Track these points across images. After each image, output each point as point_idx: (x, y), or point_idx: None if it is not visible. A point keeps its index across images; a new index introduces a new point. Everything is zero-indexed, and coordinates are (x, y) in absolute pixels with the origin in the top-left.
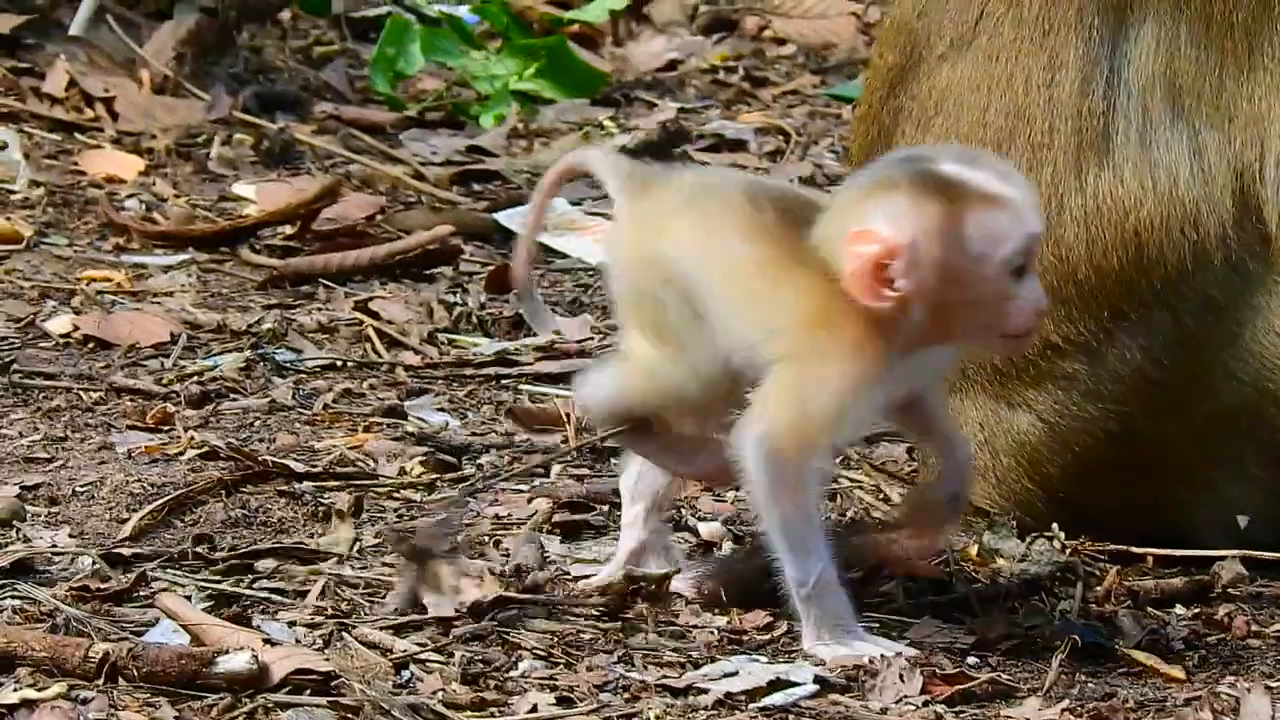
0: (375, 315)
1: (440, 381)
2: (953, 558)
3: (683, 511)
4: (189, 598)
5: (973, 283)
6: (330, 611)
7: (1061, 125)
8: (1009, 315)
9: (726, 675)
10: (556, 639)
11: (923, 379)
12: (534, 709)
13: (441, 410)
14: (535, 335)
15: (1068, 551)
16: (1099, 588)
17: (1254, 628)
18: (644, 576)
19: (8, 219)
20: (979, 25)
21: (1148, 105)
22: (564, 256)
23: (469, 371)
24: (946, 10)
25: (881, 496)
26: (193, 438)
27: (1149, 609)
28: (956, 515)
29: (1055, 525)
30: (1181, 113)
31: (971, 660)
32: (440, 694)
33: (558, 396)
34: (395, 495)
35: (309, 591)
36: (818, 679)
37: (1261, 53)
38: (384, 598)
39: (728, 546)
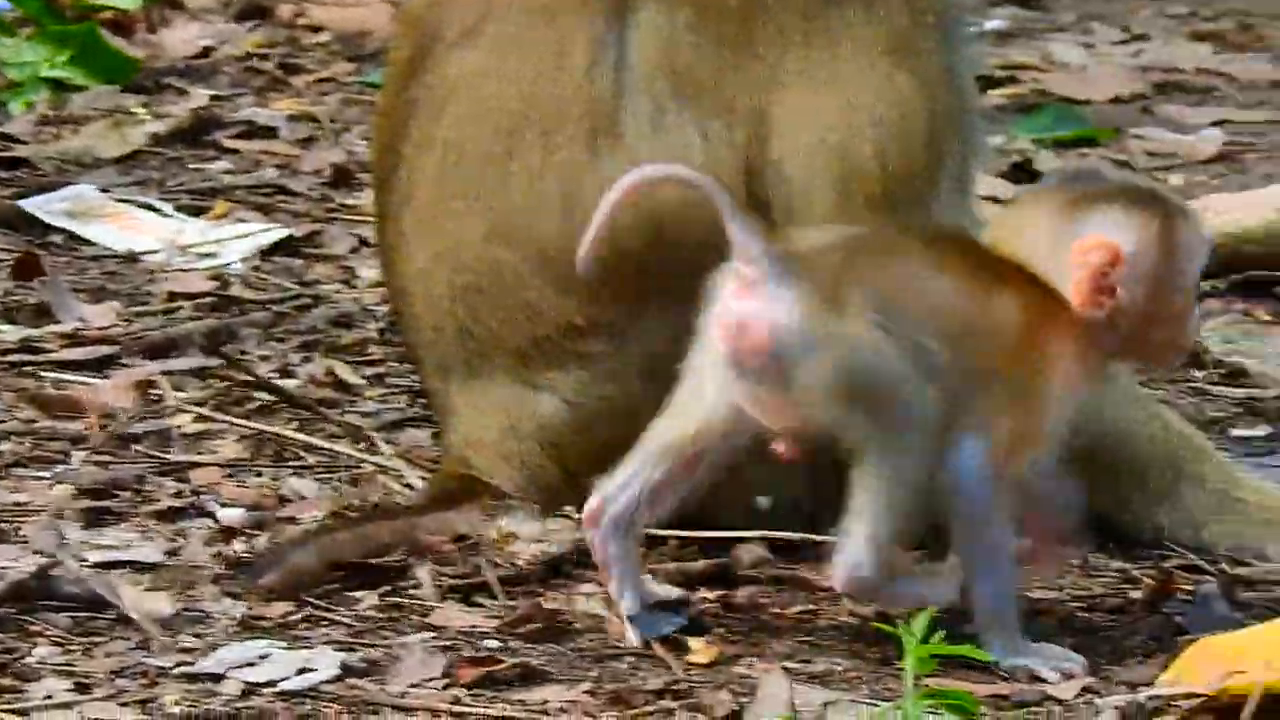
0: None
1: None
2: (480, 541)
3: (202, 497)
4: None
5: (1175, 294)
6: None
7: (572, 111)
8: (1189, 328)
9: (247, 662)
10: (74, 625)
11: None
12: (49, 696)
13: None
14: (60, 322)
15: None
16: None
17: (774, 610)
18: None
19: None
20: (488, 14)
21: (654, 92)
22: (91, 244)
23: None
24: (457, 0)
25: (405, 483)
26: None
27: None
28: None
29: (572, 508)
30: (687, 102)
31: (494, 644)
32: None
33: (82, 383)
34: None
35: None
36: (341, 664)
37: (757, 44)
38: None
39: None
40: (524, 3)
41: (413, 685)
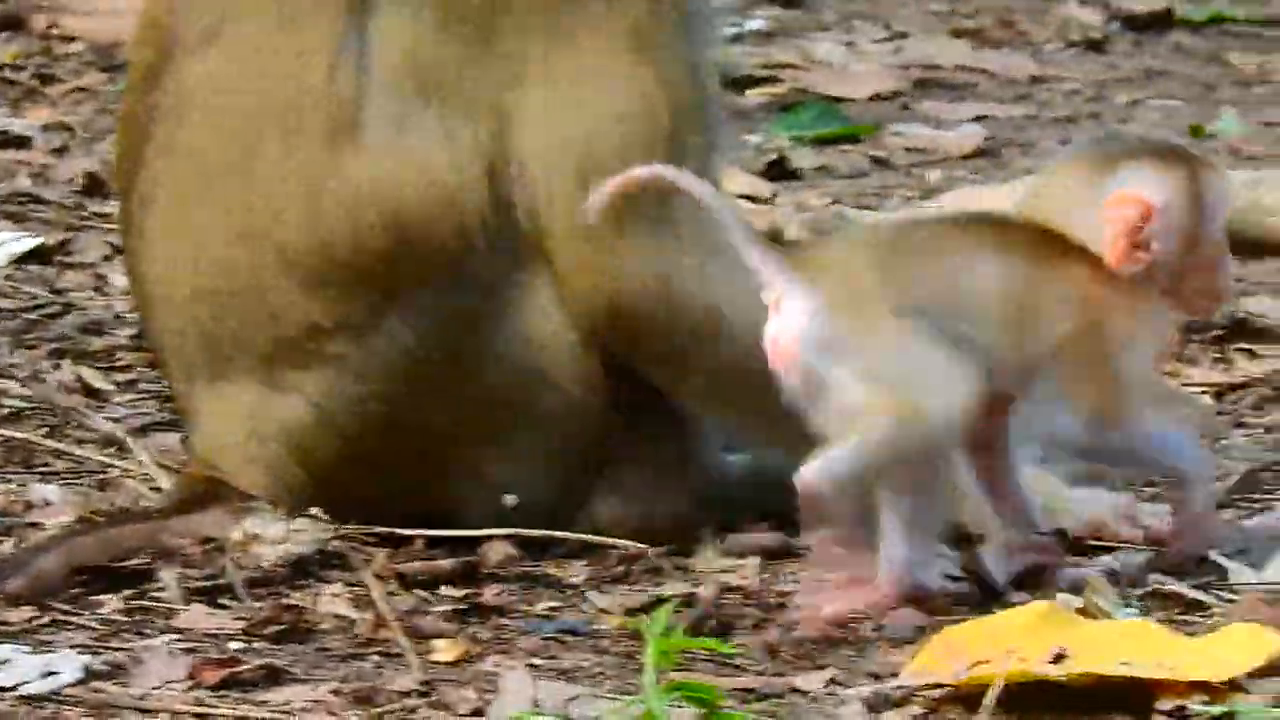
0: None
1: None
2: (225, 543)
3: None
4: None
5: (1206, 244)
6: None
7: (313, 113)
8: (1224, 276)
9: None
10: None
11: None
12: None
13: None
14: None
15: (334, 534)
16: (370, 570)
17: (521, 608)
18: None
19: None
20: (227, 17)
21: (396, 92)
22: None
23: None
24: (195, 3)
25: (154, 487)
26: None
27: (417, 590)
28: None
29: (319, 509)
30: (430, 101)
31: (238, 645)
32: None
33: None
34: None
35: None
36: (84, 668)
37: (500, 41)
38: None
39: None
40: (263, 5)
41: (156, 687)
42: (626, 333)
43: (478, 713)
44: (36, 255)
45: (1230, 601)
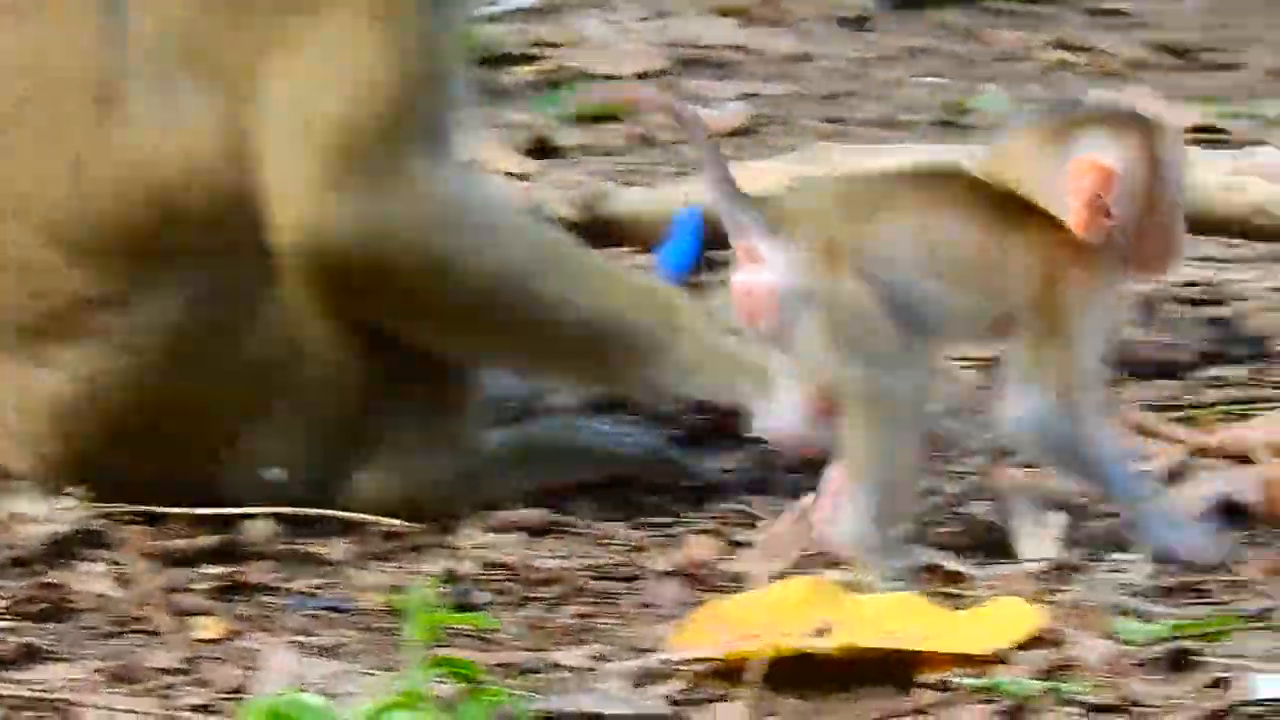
0: None
1: None
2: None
3: None
4: None
5: (1165, 206)
6: None
7: (77, 87)
8: (1180, 234)
9: None
10: None
11: None
12: None
13: None
14: None
15: (96, 512)
16: (132, 548)
17: (284, 585)
18: None
19: None
20: None
21: (156, 63)
22: None
23: None
24: None
25: None
26: None
27: (179, 568)
28: None
29: (84, 486)
30: (189, 70)
31: (2, 625)
32: None
33: None
34: None
35: None
36: None
37: (250, 11)
38: None
39: None
40: None
41: None
42: (345, 286)
43: (240, 690)
44: None
45: (995, 577)
